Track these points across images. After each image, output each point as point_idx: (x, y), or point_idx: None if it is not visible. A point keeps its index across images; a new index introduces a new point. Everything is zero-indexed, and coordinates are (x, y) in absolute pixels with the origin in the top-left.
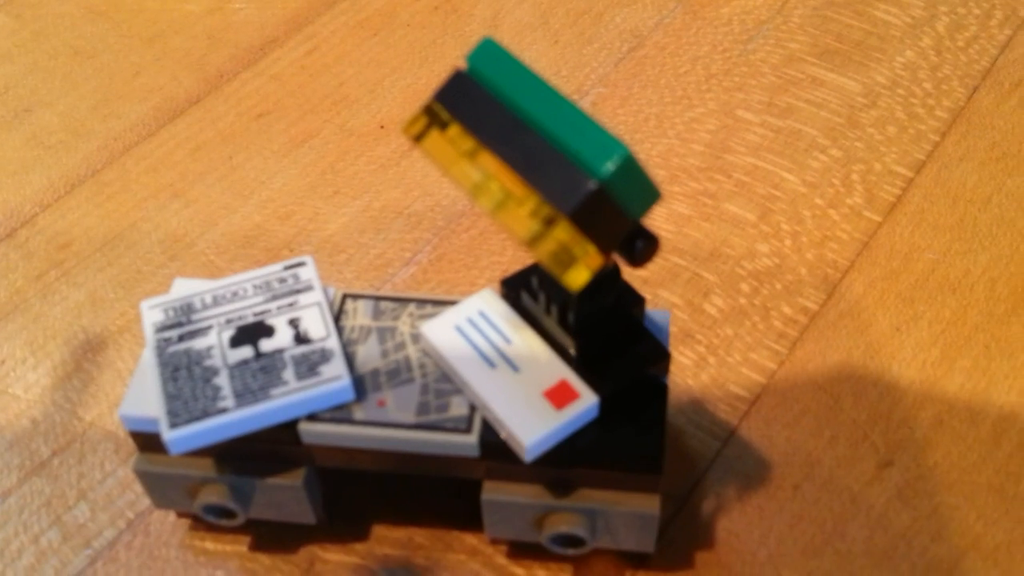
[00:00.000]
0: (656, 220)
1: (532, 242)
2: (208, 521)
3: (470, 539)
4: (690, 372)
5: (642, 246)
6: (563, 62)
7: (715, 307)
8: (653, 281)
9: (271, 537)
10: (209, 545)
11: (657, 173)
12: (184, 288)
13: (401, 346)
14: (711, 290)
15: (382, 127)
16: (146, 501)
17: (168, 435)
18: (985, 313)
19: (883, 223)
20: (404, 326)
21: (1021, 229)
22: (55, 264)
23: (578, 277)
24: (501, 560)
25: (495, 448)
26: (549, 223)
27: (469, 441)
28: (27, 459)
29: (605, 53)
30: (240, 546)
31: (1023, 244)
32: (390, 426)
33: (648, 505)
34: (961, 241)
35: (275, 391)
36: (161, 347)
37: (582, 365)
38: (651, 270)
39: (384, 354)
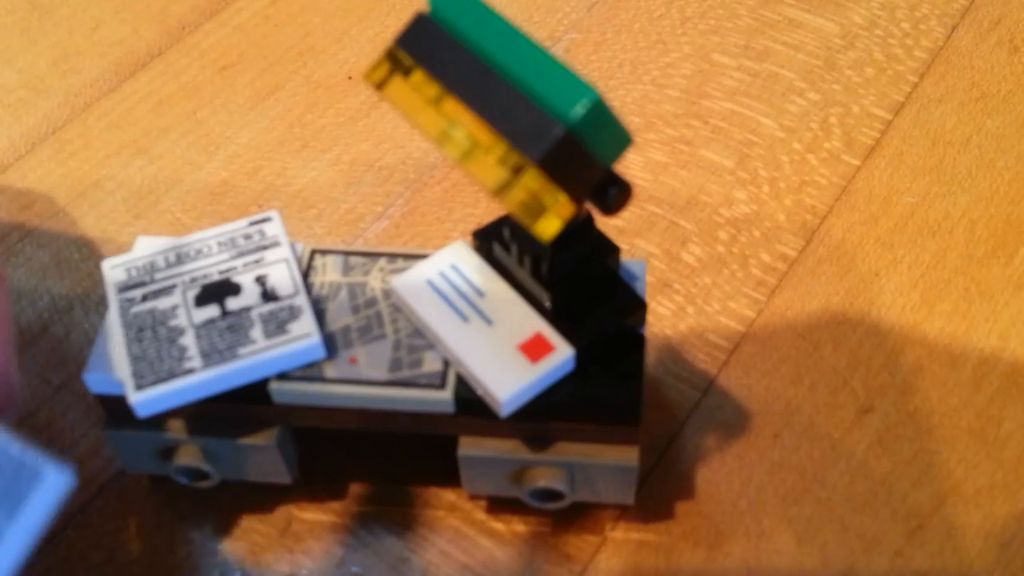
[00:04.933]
0: (632, 168)
1: (500, 191)
2: (181, 483)
3: (449, 495)
4: (668, 322)
5: (615, 194)
6: (535, 7)
7: (693, 256)
8: (629, 231)
9: (247, 497)
10: (184, 507)
11: (632, 120)
12: (147, 246)
13: (372, 302)
14: (688, 238)
15: (350, 78)
16: (118, 464)
17: (134, 397)
18: (965, 256)
19: (861, 167)
20: (375, 281)
21: (1000, 170)
22: (17, 226)
23: (549, 227)
24: (480, 516)
25: (470, 403)
26: (517, 171)
27: (443, 397)
28: None
29: None
30: (216, 507)
31: (1003, 185)
32: (362, 383)
33: (627, 457)
34: (940, 183)
35: (243, 350)
36: (124, 307)
37: (557, 317)
38: (627, 219)
39: (355, 310)
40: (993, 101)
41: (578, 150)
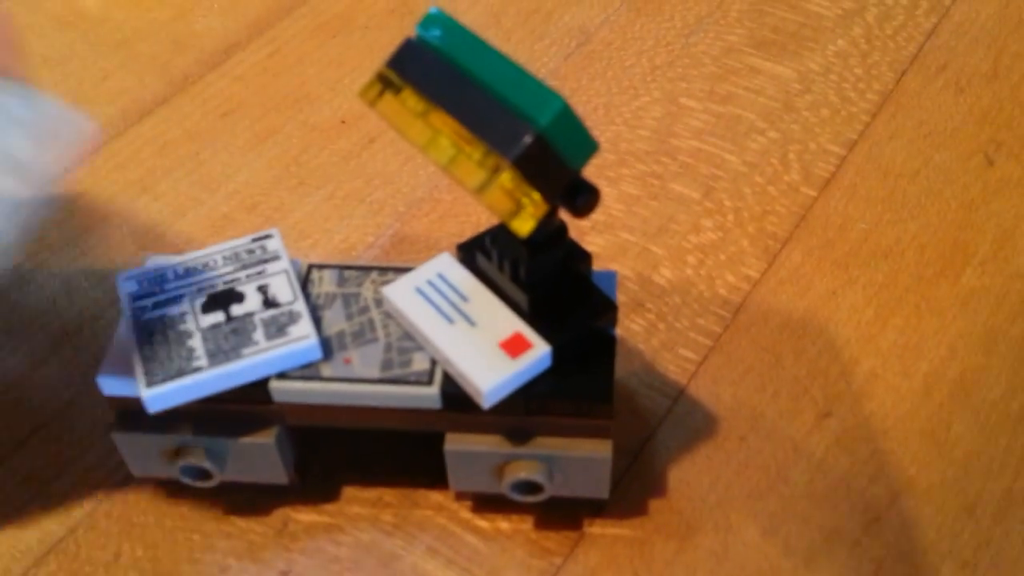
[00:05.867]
0: (607, 200)
1: (480, 190)
2: (184, 484)
3: (436, 496)
4: (641, 338)
5: (584, 196)
6: (515, 58)
7: (664, 278)
8: (605, 256)
9: (245, 500)
10: (185, 510)
11: (607, 157)
12: (157, 262)
13: (365, 309)
14: (660, 262)
15: (343, 122)
16: (124, 472)
17: (146, 394)
18: (915, 276)
19: (819, 197)
20: (367, 291)
21: (947, 199)
22: (30, 256)
23: (524, 224)
24: (466, 514)
25: (456, 399)
26: (495, 171)
27: (431, 393)
28: (8, 438)
29: (555, 49)
30: (216, 510)
31: (949, 213)
32: (356, 381)
33: (601, 450)
34: (892, 212)
35: (246, 351)
36: (137, 315)
37: (534, 318)
38: (602, 246)
39: (349, 317)
40: (940, 138)
41: (549, 152)
